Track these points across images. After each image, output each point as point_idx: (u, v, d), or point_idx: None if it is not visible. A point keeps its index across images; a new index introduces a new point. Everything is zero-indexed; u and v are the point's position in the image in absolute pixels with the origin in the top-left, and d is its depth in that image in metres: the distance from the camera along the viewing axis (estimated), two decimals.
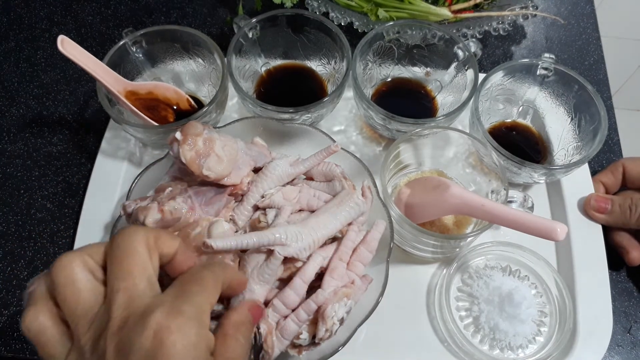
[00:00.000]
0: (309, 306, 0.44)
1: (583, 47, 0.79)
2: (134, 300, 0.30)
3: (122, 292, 0.30)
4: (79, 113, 0.71)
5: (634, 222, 0.57)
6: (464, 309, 0.57)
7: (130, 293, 0.30)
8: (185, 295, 0.31)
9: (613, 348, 0.57)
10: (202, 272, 0.33)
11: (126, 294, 0.30)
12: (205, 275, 0.33)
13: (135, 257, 0.31)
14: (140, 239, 0.32)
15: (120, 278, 0.30)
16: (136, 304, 0.29)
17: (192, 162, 0.47)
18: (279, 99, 0.62)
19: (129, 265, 0.31)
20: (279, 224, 0.47)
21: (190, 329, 0.29)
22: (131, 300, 0.30)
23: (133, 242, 0.31)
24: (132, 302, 0.29)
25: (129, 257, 0.31)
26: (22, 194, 0.64)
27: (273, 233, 0.44)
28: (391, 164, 0.58)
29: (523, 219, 0.47)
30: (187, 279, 0.33)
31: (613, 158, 0.69)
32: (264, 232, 0.44)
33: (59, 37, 0.52)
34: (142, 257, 0.31)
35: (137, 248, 0.31)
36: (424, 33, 0.65)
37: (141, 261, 0.31)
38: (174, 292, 0.31)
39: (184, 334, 0.28)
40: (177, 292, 0.31)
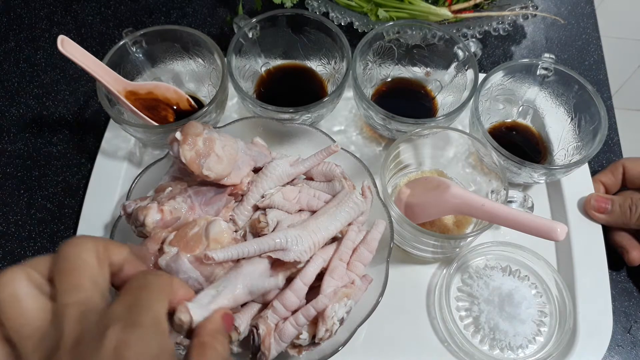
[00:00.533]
0: (308, 311, 0.44)
1: (583, 47, 0.79)
2: (87, 315, 0.27)
3: (72, 306, 0.28)
4: (79, 113, 0.71)
5: (634, 222, 0.57)
6: (464, 309, 0.57)
7: (82, 307, 0.28)
8: (139, 305, 0.29)
9: (613, 348, 0.57)
10: (149, 279, 0.31)
11: (78, 309, 0.28)
12: (153, 282, 0.31)
13: (84, 268, 0.29)
14: (90, 248, 0.30)
15: (70, 291, 0.28)
16: (89, 318, 0.27)
17: (192, 162, 0.47)
18: (279, 99, 0.62)
19: (79, 277, 0.29)
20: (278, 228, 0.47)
21: (151, 340, 0.27)
22: (83, 315, 0.27)
23: (82, 253, 0.30)
24: (84, 317, 0.27)
25: (78, 269, 0.29)
26: (22, 194, 0.64)
27: (273, 238, 0.44)
28: (391, 164, 0.58)
29: (523, 219, 0.47)
30: (136, 286, 0.30)
31: (613, 158, 0.69)
32: (264, 239, 0.44)
33: (59, 37, 0.52)
34: (92, 269, 0.29)
35: (86, 259, 0.29)
36: (424, 33, 0.65)
37: (91, 272, 0.29)
38: (126, 301, 0.29)
39: (144, 346, 0.27)
40: (130, 302, 0.29)
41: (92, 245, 0.30)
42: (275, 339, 0.44)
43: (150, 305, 0.29)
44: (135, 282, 0.31)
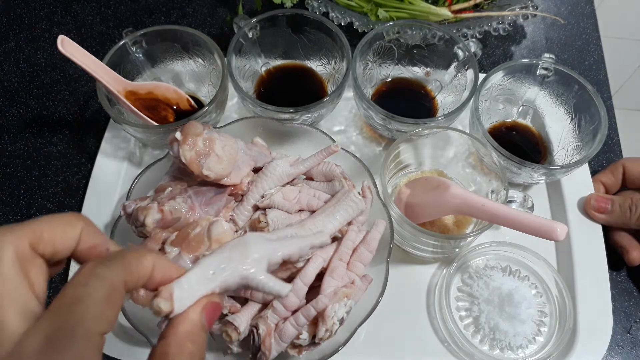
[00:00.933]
0: (308, 311, 0.44)
1: (583, 47, 0.79)
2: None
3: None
4: (79, 113, 0.71)
5: (634, 222, 0.57)
6: (464, 309, 0.57)
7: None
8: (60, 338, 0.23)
9: (613, 348, 0.57)
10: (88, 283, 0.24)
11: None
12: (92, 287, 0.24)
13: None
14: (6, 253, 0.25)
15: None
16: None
17: (192, 162, 0.47)
18: (279, 99, 0.62)
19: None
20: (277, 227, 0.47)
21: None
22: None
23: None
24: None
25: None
26: (22, 194, 0.64)
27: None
28: (391, 164, 0.58)
29: (523, 219, 0.47)
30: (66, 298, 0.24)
31: (613, 158, 0.69)
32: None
33: (59, 37, 0.52)
34: (9, 279, 0.24)
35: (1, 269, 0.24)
36: (424, 33, 0.65)
37: (8, 285, 0.24)
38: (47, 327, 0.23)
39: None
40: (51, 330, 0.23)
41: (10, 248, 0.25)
42: (275, 339, 0.44)
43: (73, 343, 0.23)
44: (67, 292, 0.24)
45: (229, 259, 0.33)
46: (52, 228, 0.27)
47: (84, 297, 0.24)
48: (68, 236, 0.27)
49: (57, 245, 0.27)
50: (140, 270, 0.27)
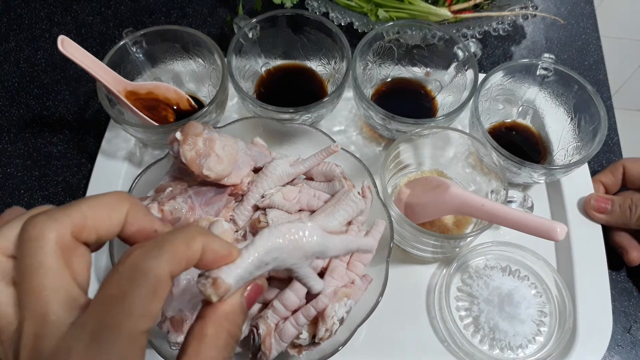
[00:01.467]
0: (308, 311, 0.44)
1: (583, 47, 0.79)
2: (42, 339, 0.23)
3: (28, 322, 0.23)
4: (79, 113, 0.71)
5: (634, 223, 0.57)
6: (464, 308, 0.57)
7: (37, 326, 0.23)
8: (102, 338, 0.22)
9: (613, 348, 0.57)
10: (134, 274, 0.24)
11: (33, 328, 0.23)
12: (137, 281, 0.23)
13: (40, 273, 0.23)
14: (48, 244, 0.24)
15: (27, 304, 0.24)
16: (43, 345, 0.23)
17: (192, 162, 0.47)
18: (279, 99, 0.62)
19: (35, 285, 0.23)
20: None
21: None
22: (38, 338, 0.23)
23: (38, 253, 0.24)
24: (39, 341, 0.23)
25: (33, 275, 0.24)
26: (23, 194, 0.64)
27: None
28: (391, 164, 0.58)
29: (523, 219, 0.47)
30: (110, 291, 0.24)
31: (613, 158, 0.69)
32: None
33: (59, 37, 0.52)
34: (51, 271, 0.24)
35: (43, 260, 0.24)
36: (424, 33, 0.65)
37: (51, 277, 0.24)
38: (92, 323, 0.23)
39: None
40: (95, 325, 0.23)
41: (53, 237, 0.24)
42: (275, 338, 0.44)
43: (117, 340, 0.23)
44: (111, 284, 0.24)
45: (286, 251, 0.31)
46: (96, 214, 0.26)
47: (128, 293, 0.23)
48: (113, 221, 0.26)
49: (101, 231, 0.26)
50: (189, 256, 0.26)
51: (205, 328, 0.26)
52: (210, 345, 0.26)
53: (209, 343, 0.26)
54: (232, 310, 0.27)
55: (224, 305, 0.27)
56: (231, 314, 0.27)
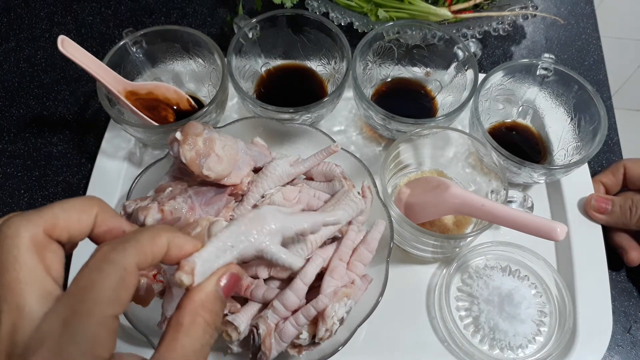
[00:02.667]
0: (308, 311, 0.44)
1: (583, 47, 0.79)
2: (18, 329, 0.24)
3: (5, 315, 0.25)
4: (79, 113, 0.71)
5: (634, 223, 0.57)
6: (464, 308, 0.57)
7: (14, 318, 0.24)
8: (73, 325, 0.24)
9: (613, 348, 0.57)
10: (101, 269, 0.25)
11: (10, 319, 0.24)
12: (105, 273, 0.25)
13: (15, 268, 0.25)
14: (22, 241, 0.26)
15: (3, 297, 0.25)
16: (20, 334, 0.24)
17: (192, 162, 0.47)
18: (279, 99, 0.62)
19: (10, 280, 0.25)
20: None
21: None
22: (15, 328, 0.24)
23: (13, 250, 0.25)
24: (15, 332, 0.24)
25: (9, 270, 0.25)
26: (23, 194, 0.65)
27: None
28: (391, 164, 0.58)
29: (523, 219, 0.47)
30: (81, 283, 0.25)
31: (613, 158, 0.69)
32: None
33: (59, 37, 0.52)
34: (26, 266, 0.25)
35: (17, 256, 0.25)
36: (424, 33, 0.65)
37: (26, 272, 0.25)
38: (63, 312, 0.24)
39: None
40: (66, 314, 0.24)
41: (26, 235, 0.26)
42: (275, 339, 0.44)
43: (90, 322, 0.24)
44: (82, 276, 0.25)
45: (246, 232, 0.34)
46: (66, 215, 0.27)
47: (97, 282, 0.25)
48: (83, 222, 0.28)
49: (72, 231, 0.28)
50: (154, 251, 0.27)
51: (181, 317, 0.27)
52: (185, 333, 0.27)
53: (184, 332, 0.27)
54: (207, 299, 0.28)
55: (199, 294, 0.28)
56: (207, 302, 0.28)
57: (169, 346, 0.27)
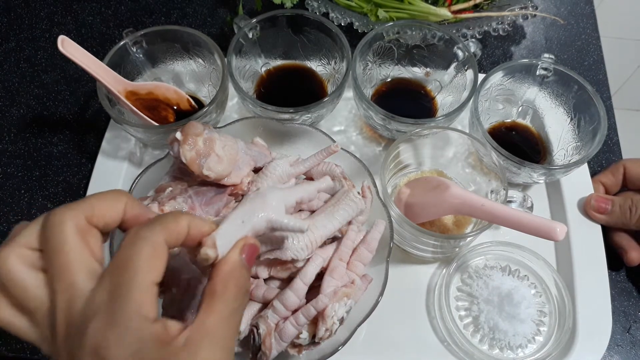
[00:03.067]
0: (308, 311, 0.44)
1: (583, 47, 0.79)
2: (73, 303, 0.28)
3: (60, 293, 0.28)
4: (79, 113, 0.71)
5: (633, 223, 0.58)
6: (464, 308, 0.57)
7: (68, 294, 0.28)
8: (120, 291, 0.27)
9: (612, 348, 0.57)
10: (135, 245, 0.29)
11: (65, 296, 0.28)
12: (138, 249, 0.29)
13: (66, 250, 0.29)
14: (69, 226, 0.29)
15: (56, 277, 0.29)
16: (75, 308, 0.28)
17: (193, 162, 0.47)
18: (279, 99, 0.62)
19: (62, 261, 0.29)
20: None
21: (132, 335, 0.27)
22: (70, 303, 0.28)
23: (61, 234, 0.29)
24: (71, 306, 0.28)
25: (60, 252, 0.29)
26: (23, 194, 0.65)
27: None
28: (391, 164, 0.58)
29: (523, 219, 0.47)
30: (119, 260, 0.29)
31: (612, 158, 0.69)
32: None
33: (59, 37, 0.52)
34: (74, 248, 0.29)
35: (66, 240, 0.29)
36: (424, 33, 0.65)
37: (74, 253, 0.29)
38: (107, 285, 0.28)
39: (125, 345, 0.26)
40: (111, 286, 0.28)
41: (71, 222, 0.29)
42: (275, 338, 0.44)
43: (132, 290, 0.27)
44: (119, 255, 0.29)
45: (253, 209, 0.39)
46: (101, 204, 0.31)
47: (133, 256, 0.28)
48: (115, 210, 0.32)
49: (106, 218, 0.31)
50: (178, 229, 0.31)
51: (213, 286, 0.31)
52: (219, 299, 0.30)
53: (218, 298, 0.30)
54: (234, 267, 0.32)
55: (225, 265, 0.32)
56: (234, 271, 0.32)
57: (206, 312, 0.30)
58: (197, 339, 0.28)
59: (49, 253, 0.29)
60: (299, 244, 0.45)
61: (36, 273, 0.29)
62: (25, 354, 0.55)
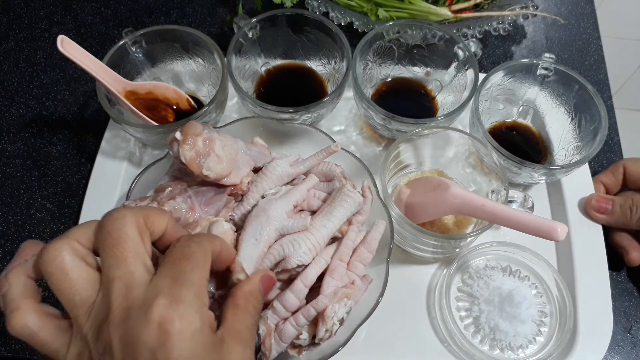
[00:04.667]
0: (308, 312, 0.44)
1: (583, 47, 0.79)
2: (132, 289, 0.29)
3: (118, 280, 0.29)
4: (78, 113, 0.71)
5: (634, 223, 0.57)
6: (464, 309, 0.57)
7: (127, 281, 0.30)
8: (181, 278, 0.30)
9: (613, 348, 0.57)
10: (190, 247, 0.32)
11: (123, 283, 0.29)
12: (194, 250, 0.32)
13: (127, 242, 0.30)
14: (130, 221, 0.31)
15: (115, 266, 0.30)
16: (135, 293, 0.29)
17: (192, 162, 0.47)
18: (279, 99, 0.62)
19: (122, 251, 0.30)
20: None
21: (194, 314, 0.29)
22: (129, 289, 0.29)
23: (124, 227, 0.31)
24: (130, 291, 0.29)
25: (121, 243, 0.30)
26: (22, 194, 0.64)
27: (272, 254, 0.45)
28: (391, 164, 0.58)
29: (523, 219, 0.47)
30: (177, 255, 0.32)
31: (613, 158, 0.69)
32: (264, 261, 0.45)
33: (59, 37, 0.52)
34: (134, 241, 0.31)
35: (127, 232, 0.31)
36: (424, 33, 0.65)
37: (134, 245, 0.31)
38: (169, 273, 0.30)
39: (188, 322, 0.29)
40: (172, 274, 0.30)
41: (132, 218, 0.31)
42: (275, 339, 0.44)
43: (192, 278, 0.30)
44: (177, 252, 0.32)
45: (260, 225, 0.46)
46: (152, 214, 0.34)
47: (192, 254, 0.32)
48: (162, 222, 0.34)
49: (155, 226, 0.33)
50: (214, 248, 0.35)
51: (237, 300, 0.34)
52: (242, 310, 0.34)
53: (241, 309, 0.34)
54: (254, 289, 0.36)
55: (247, 285, 0.36)
56: (253, 292, 0.36)
57: (233, 319, 0.33)
58: (231, 337, 0.32)
59: (109, 243, 0.30)
60: (301, 249, 0.45)
61: (87, 268, 0.31)
62: (24, 354, 0.55)
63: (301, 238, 0.45)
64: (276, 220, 0.46)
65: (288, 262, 0.44)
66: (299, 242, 0.45)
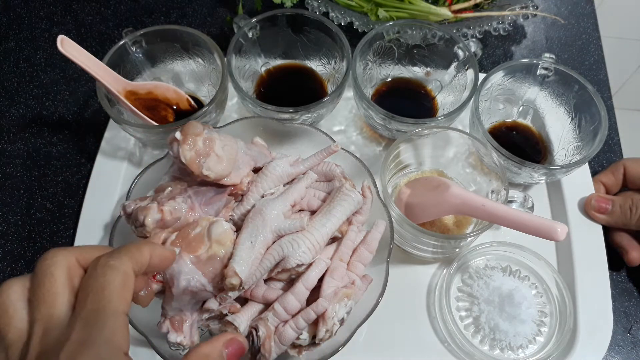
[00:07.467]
0: (308, 315, 0.44)
1: (583, 47, 0.79)
2: (49, 333, 0.29)
3: (38, 322, 0.29)
4: (78, 113, 0.71)
5: (634, 223, 0.57)
6: (464, 309, 0.57)
7: (45, 324, 0.29)
8: (93, 317, 0.28)
9: (613, 348, 0.57)
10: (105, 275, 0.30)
11: (42, 326, 0.29)
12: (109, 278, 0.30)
13: (50, 282, 0.30)
14: (59, 262, 0.30)
15: (38, 307, 0.29)
16: (50, 338, 0.28)
17: (192, 162, 0.47)
18: (279, 99, 0.62)
19: (45, 292, 0.29)
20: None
21: (103, 357, 0.27)
22: (46, 332, 0.29)
23: (50, 267, 0.30)
24: (46, 336, 0.29)
25: (45, 284, 0.30)
26: (22, 194, 0.64)
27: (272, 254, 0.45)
28: (391, 164, 0.58)
29: (523, 219, 0.47)
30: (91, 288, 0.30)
31: (613, 158, 0.69)
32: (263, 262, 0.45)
33: (59, 37, 0.52)
34: (58, 281, 0.30)
35: (53, 272, 0.30)
36: (424, 33, 0.65)
37: (57, 286, 0.30)
38: (81, 312, 0.29)
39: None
40: (84, 314, 0.29)
41: (62, 258, 0.31)
42: (275, 341, 0.44)
43: (105, 319, 0.28)
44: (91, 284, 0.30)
45: (256, 227, 0.45)
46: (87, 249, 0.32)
47: (105, 285, 0.30)
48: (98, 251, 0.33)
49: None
50: (142, 259, 0.33)
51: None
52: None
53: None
54: (211, 352, 0.32)
55: (205, 348, 0.32)
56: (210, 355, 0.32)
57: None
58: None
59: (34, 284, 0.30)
60: (300, 249, 0.45)
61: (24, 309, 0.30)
62: None
63: (300, 238, 0.45)
64: (272, 221, 0.45)
65: (287, 262, 0.44)
66: (298, 241, 0.45)
